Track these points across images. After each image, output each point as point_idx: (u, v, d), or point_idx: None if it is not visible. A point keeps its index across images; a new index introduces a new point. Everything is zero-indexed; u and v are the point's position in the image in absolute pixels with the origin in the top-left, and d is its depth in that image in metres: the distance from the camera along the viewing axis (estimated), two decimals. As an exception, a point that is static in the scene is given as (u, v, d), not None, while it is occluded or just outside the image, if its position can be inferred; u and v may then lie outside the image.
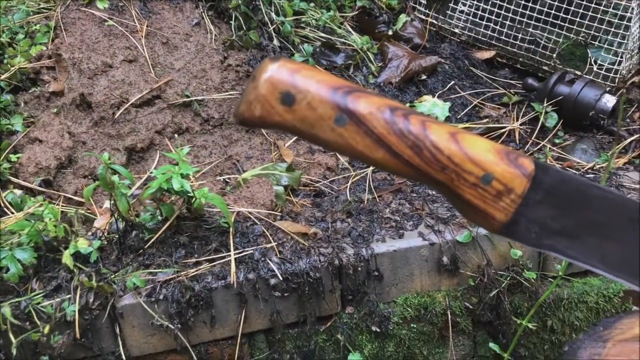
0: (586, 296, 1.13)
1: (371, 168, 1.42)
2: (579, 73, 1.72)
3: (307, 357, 1.12)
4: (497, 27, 1.83)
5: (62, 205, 1.32)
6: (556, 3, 1.70)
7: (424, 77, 1.81)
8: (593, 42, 1.72)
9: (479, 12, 1.85)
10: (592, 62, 1.72)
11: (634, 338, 0.78)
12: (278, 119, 0.51)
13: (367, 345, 1.13)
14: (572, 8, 1.69)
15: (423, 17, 1.97)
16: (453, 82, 1.80)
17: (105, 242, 1.15)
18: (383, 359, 1.14)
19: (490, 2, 1.83)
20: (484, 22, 1.85)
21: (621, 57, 1.67)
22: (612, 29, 1.63)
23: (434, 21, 1.96)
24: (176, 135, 1.52)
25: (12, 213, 1.20)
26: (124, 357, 1.03)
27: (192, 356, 1.05)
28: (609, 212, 0.59)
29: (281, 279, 1.06)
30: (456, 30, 1.93)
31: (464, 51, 1.89)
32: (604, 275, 0.62)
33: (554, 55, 1.77)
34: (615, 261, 0.60)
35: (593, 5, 1.66)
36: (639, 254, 0.60)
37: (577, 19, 1.68)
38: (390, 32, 1.94)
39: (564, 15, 1.70)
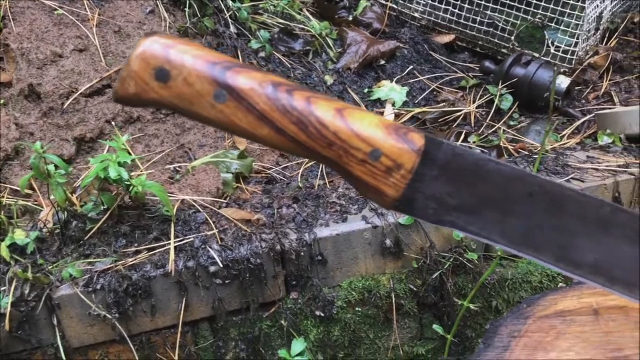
0: (530, 276, 1.13)
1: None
2: (537, 55, 1.72)
3: (251, 344, 1.11)
4: (456, 11, 1.82)
5: (8, 197, 1.30)
6: (512, -15, 1.69)
7: (382, 62, 1.80)
8: (550, 23, 1.72)
9: (437, -4, 1.84)
10: (550, 44, 1.71)
11: (555, 314, 0.78)
12: (154, 96, 0.50)
13: (312, 330, 1.12)
14: (528, -11, 1.68)
15: (383, 1, 1.96)
16: (412, 66, 1.79)
17: (47, 234, 1.13)
18: (329, 344, 1.13)
19: (448, -15, 1.82)
20: (443, 6, 1.84)
21: (577, 39, 1.67)
22: (568, 10, 1.63)
23: (394, 5, 1.94)
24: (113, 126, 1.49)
25: (-48, 206, 1.18)
26: (62, 348, 1.02)
27: (130, 346, 1.04)
28: (508, 186, 0.59)
29: (221, 266, 1.05)
30: (416, 15, 1.92)
31: (424, 35, 1.88)
32: (507, 251, 0.62)
33: (512, 37, 1.76)
34: (517, 235, 0.60)
35: (548, -14, 1.65)
36: (540, 228, 0.60)
37: (534, 1, 1.67)
38: (350, 18, 1.92)
39: (520, -3, 1.70)
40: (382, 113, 1.70)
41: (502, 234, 0.60)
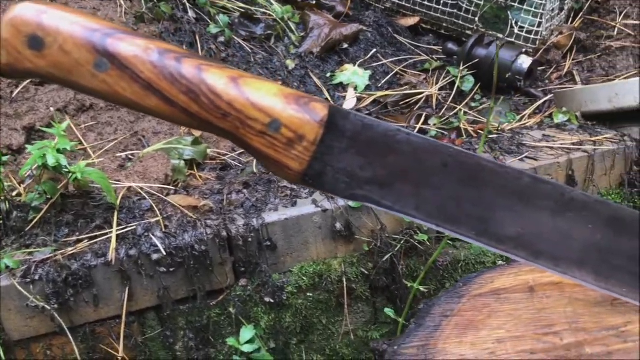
0: (483, 257, 1.12)
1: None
2: (500, 36, 1.69)
3: (201, 333, 1.09)
4: (420, -8, 1.79)
5: (-48, 189, 1.25)
6: (474, -36, 1.67)
7: (345, 45, 1.76)
8: (514, 4, 1.69)
9: (400, -23, 1.81)
10: (513, 25, 1.69)
11: (491, 292, 0.76)
12: (29, 66, 0.46)
13: (263, 317, 1.10)
14: (490, -31, 1.66)
15: (347, -16, 1.92)
16: (375, 50, 1.76)
17: (-12, 225, 1.10)
18: (281, 331, 1.11)
19: (411, -34, 1.79)
20: (406, -12, 1.81)
21: (541, 19, 1.64)
22: (530, -11, 1.60)
23: (358, -12, 1.91)
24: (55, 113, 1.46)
25: None
26: (1, 341, 0.99)
27: (70, 338, 1.01)
28: (420, 157, 0.56)
29: (164, 253, 1.02)
30: (380, -3, 1.88)
31: (388, 18, 1.85)
32: (425, 225, 0.59)
33: (477, 19, 1.74)
34: (433, 209, 0.58)
35: (509, -35, 1.63)
36: (457, 200, 0.58)
37: (496, -20, 1.65)
38: (313, 1, 1.88)
39: (482, -23, 1.67)
40: (344, 97, 1.67)
41: (418, 207, 0.57)
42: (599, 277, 0.63)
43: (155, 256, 1.02)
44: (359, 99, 1.63)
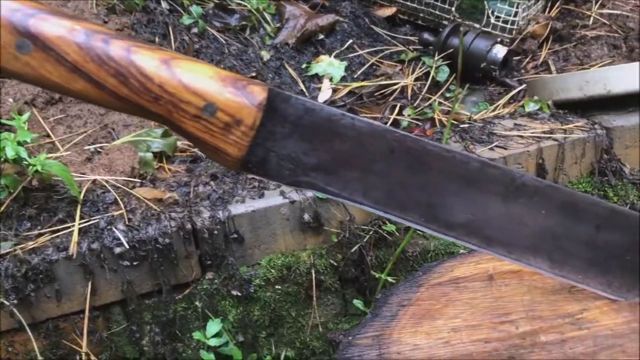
0: (453, 247, 1.11)
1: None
2: (477, 26, 1.68)
3: (167, 327, 1.07)
4: (396, -18, 1.78)
5: None
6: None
7: (321, 36, 1.74)
8: (490, -7, 1.68)
9: (376, -33, 1.79)
10: (490, 14, 1.68)
11: (450, 281, 0.75)
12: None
13: (231, 310, 1.08)
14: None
15: (323, -25, 1.90)
16: (351, 40, 1.74)
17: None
18: (249, 324, 1.10)
19: (387, -44, 1.77)
20: (382, -22, 1.80)
21: (517, 8, 1.63)
22: (506, -21, 1.59)
23: (334, -21, 1.89)
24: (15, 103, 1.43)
25: None
26: (-41, 338, 0.97)
27: (29, 334, 0.99)
28: (366, 143, 0.54)
29: (127, 247, 1.00)
30: (356, -13, 1.86)
31: (365, 9, 1.83)
32: (373, 212, 0.58)
33: (453, 9, 1.72)
34: (380, 195, 0.56)
35: (485, -47, 1.61)
36: (404, 186, 0.56)
37: (471, -30, 1.63)
38: (289, -8, 1.86)
39: (458, -34, 1.66)
40: (319, 88, 1.65)
41: (365, 193, 0.56)
42: (553, 264, 0.62)
43: (117, 249, 1.00)
44: (335, 90, 1.61)
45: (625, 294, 0.64)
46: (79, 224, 1.03)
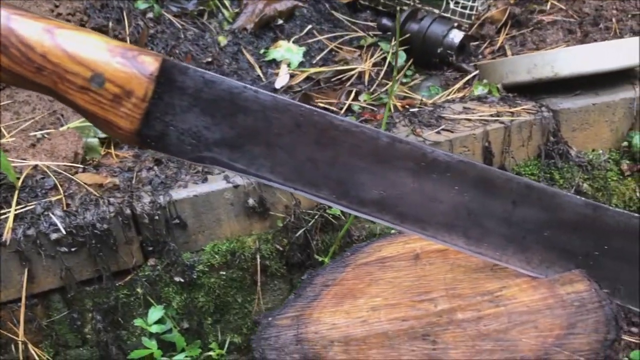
0: (400, 231, 1.10)
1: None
2: (436, 11, 1.67)
3: (109, 314, 1.05)
4: (357, -33, 1.76)
5: None
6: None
7: (280, 21, 1.72)
8: (449, -22, 1.67)
9: (336, -49, 1.77)
10: (449, 0, 1.67)
11: (376, 260, 0.74)
12: None
13: (175, 297, 1.07)
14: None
15: (284, -41, 1.87)
16: (311, 26, 1.72)
17: None
18: (194, 311, 1.08)
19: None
20: (343, -38, 1.77)
21: (476, -7, 1.63)
22: (464, -37, 1.58)
23: (295, -37, 1.86)
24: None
25: None
26: None
27: (-39, 321, 0.96)
28: (271, 117, 0.53)
29: (64, 233, 0.98)
30: (317, -28, 1.84)
31: (325, -6, 1.81)
32: (282, 189, 0.57)
33: (413, -6, 1.71)
34: (289, 171, 0.55)
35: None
36: (313, 162, 0.55)
37: (429, -46, 1.62)
38: (249, -23, 1.83)
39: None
40: (277, 74, 1.63)
41: (272, 170, 0.55)
42: (470, 241, 0.61)
43: (54, 235, 0.98)
44: (292, 76, 1.59)
45: (545, 271, 0.64)
46: (15, 210, 1.01)
